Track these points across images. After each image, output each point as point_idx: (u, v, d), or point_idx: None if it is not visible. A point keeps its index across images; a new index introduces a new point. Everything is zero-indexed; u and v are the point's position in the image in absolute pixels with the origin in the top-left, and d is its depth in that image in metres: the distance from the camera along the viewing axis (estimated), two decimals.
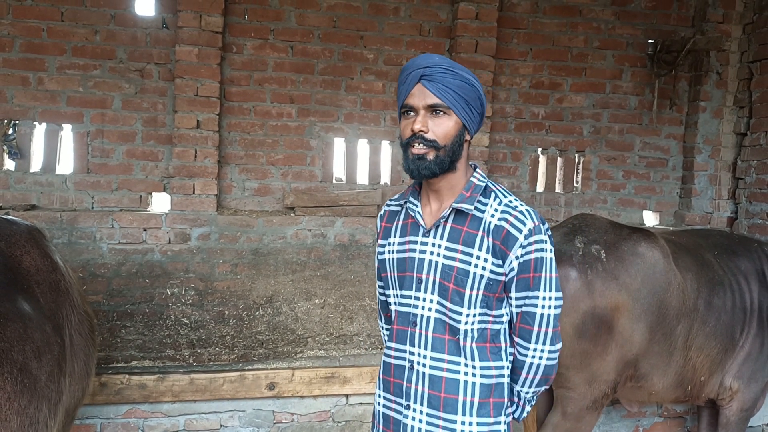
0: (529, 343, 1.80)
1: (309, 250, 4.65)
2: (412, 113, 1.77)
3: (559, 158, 5.20)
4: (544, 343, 1.80)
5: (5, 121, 4.28)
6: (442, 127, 1.75)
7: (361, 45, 4.78)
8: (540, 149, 5.15)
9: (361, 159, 4.91)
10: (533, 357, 1.81)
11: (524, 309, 1.79)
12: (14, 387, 1.82)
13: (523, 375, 1.84)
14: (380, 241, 1.99)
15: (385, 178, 4.97)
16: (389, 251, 1.93)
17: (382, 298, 2.11)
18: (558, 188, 5.22)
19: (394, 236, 1.93)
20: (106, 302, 4.29)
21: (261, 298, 4.53)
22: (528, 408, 1.91)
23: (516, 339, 1.84)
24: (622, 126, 5.24)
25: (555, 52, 5.08)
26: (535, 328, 1.79)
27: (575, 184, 5.25)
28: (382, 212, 2.04)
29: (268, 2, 4.61)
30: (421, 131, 1.74)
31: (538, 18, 5.03)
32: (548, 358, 1.82)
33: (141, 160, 4.47)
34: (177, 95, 4.37)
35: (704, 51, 5.04)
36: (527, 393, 1.87)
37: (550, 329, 1.80)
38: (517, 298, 1.80)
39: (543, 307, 1.78)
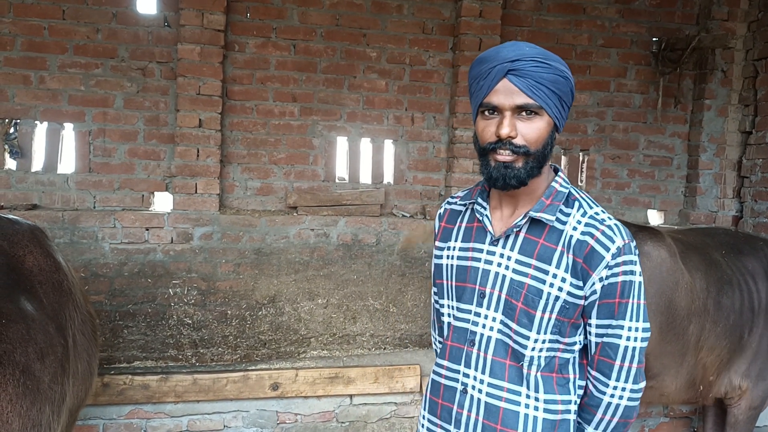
0: (609, 379, 1.56)
1: (312, 249, 4.62)
2: (494, 113, 1.50)
3: (563, 157, 5.17)
4: (626, 381, 1.55)
5: (6, 120, 4.26)
6: (533, 131, 1.48)
7: (364, 43, 4.75)
8: None
9: (363, 158, 4.89)
10: (612, 396, 1.56)
11: (606, 339, 1.55)
12: (16, 389, 1.79)
13: (599, 415, 1.58)
14: (438, 243, 1.76)
15: (388, 177, 4.95)
16: (448, 256, 1.69)
17: (437, 306, 1.84)
18: None
19: (456, 240, 1.69)
20: (108, 302, 4.27)
21: (264, 298, 4.51)
22: None
23: (593, 373, 1.59)
24: (626, 124, 5.21)
25: (559, 50, 5.03)
26: (617, 363, 1.54)
27: (580, 183, 5.22)
28: (441, 210, 1.79)
29: (270, 0, 4.58)
30: (510, 137, 1.48)
31: (542, 16, 5.00)
32: (629, 398, 1.56)
33: (143, 160, 4.45)
34: (179, 94, 4.35)
35: (709, 49, 5.01)
36: None
37: (635, 365, 1.55)
38: (598, 326, 1.56)
39: (628, 339, 1.54)
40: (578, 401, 1.63)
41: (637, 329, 1.55)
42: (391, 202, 4.90)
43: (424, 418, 1.74)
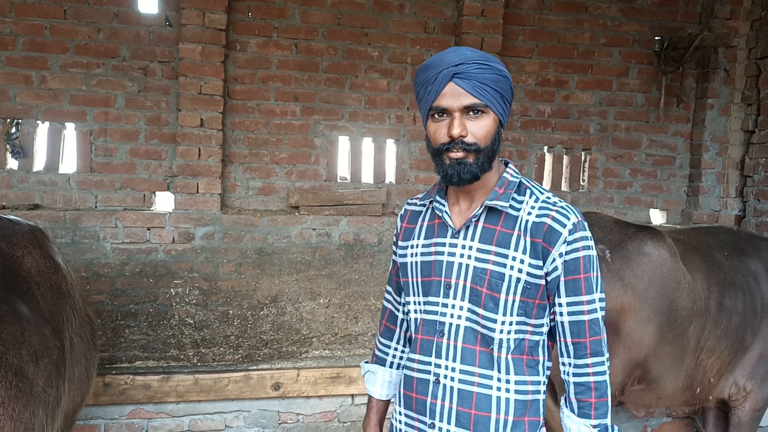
0: (602, 355, 1.62)
1: (313, 249, 4.62)
2: (443, 115, 1.60)
3: (565, 156, 5.16)
4: (606, 352, 1.64)
5: (8, 120, 4.26)
6: (482, 128, 1.58)
7: (366, 42, 4.74)
8: (546, 147, 5.11)
9: (365, 157, 4.88)
10: (596, 374, 1.63)
11: (588, 317, 1.61)
12: (8, 392, 1.78)
13: (593, 399, 1.62)
14: (400, 243, 1.83)
15: (390, 176, 4.94)
16: (412, 254, 1.76)
17: (387, 304, 1.96)
18: (564, 187, 5.18)
19: (418, 238, 1.77)
20: (110, 302, 4.27)
21: (265, 298, 4.50)
22: None
23: (575, 361, 1.63)
24: (628, 123, 5.20)
25: (561, 49, 5.03)
26: (602, 335, 1.63)
27: (582, 183, 5.21)
28: (402, 212, 1.87)
29: (272, 0, 4.58)
30: (461, 136, 1.57)
31: (544, 15, 4.99)
32: (608, 369, 1.65)
33: (144, 159, 4.45)
34: (180, 93, 4.35)
35: (712, 48, 5.00)
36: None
37: (605, 334, 1.65)
38: (569, 304, 1.62)
39: (602, 309, 1.64)
40: (546, 381, 1.69)
41: (602, 299, 1.65)
42: (392, 201, 4.89)
43: (400, 414, 1.79)
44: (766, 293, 3.21)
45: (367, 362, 2.02)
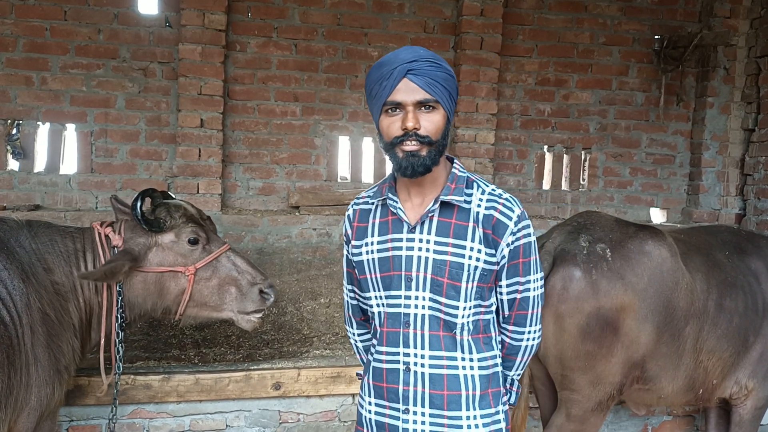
0: (525, 327, 1.85)
1: (314, 249, 4.63)
2: (397, 110, 1.69)
3: (565, 155, 5.16)
4: (536, 324, 1.86)
5: (9, 121, 4.27)
6: (433, 123, 1.70)
7: (366, 42, 4.75)
8: (546, 146, 5.12)
9: (365, 157, 4.89)
10: (528, 339, 1.86)
11: (520, 295, 1.82)
12: None
13: (518, 360, 1.89)
14: (354, 243, 1.88)
15: None
16: (367, 252, 1.84)
17: (353, 302, 2.02)
18: (564, 186, 5.18)
19: (372, 235, 1.84)
20: None
21: None
22: (516, 390, 1.95)
23: (510, 327, 1.86)
24: (628, 122, 5.20)
25: (561, 49, 5.04)
26: (530, 311, 1.84)
27: (582, 182, 5.21)
28: (350, 212, 1.93)
29: (271, 0, 4.58)
30: (415, 129, 1.67)
31: (543, 14, 4.99)
32: (538, 337, 1.89)
33: (145, 160, 4.46)
34: (180, 94, 4.36)
35: (711, 46, 5.00)
36: (518, 376, 1.93)
37: (539, 309, 1.86)
38: (508, 285, 1.81)
39: (535, 289, 1.82)
40: (500, 354, 1.88)
41: (537, 280, 1.83)
42: None
43: (370, 404, 1.86)
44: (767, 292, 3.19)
45: (359, 374, 2.00)
